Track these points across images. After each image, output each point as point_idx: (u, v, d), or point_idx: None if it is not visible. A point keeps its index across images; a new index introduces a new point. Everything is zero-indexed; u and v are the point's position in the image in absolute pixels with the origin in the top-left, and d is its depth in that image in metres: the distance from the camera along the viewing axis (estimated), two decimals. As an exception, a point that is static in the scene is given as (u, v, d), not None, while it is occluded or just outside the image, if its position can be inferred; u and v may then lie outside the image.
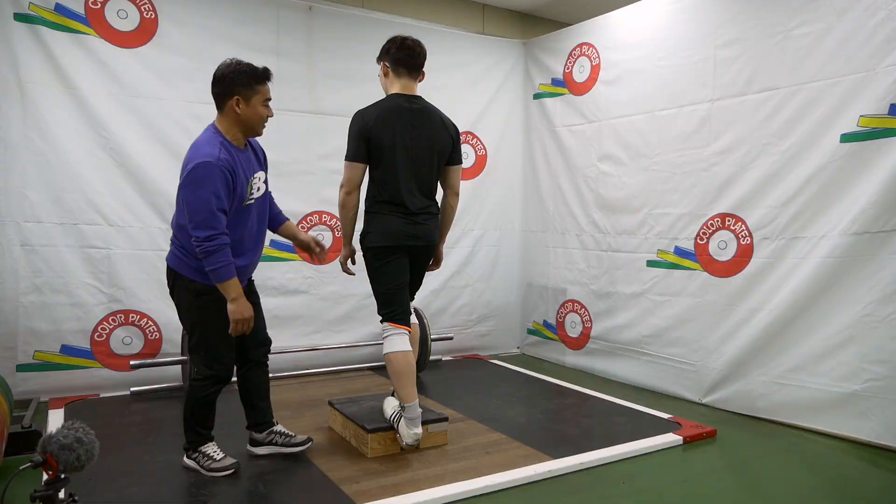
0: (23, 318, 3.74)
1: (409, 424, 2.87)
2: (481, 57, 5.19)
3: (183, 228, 2.57)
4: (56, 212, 3.79)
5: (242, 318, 2.57)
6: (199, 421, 2.74)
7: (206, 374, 2.68)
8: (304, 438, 2.94)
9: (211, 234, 2.46)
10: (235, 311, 2.56)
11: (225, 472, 2.70)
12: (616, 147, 4.54)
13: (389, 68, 2.98)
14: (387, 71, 2.99)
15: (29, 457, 1.87)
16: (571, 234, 4.96)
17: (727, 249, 3.83)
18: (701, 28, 3.95)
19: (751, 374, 3.69)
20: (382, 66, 3.01)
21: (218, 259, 2.47)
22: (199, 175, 2.45)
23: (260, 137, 2.80)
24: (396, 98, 2.94)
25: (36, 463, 1.66)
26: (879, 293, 3.15)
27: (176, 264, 2.65)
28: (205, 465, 2.71)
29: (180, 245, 2.63)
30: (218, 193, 2.47)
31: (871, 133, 3.17)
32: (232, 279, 2.53)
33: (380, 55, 3.02)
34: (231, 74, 2.61)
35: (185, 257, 2.61)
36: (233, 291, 2.54)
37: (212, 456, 2.73)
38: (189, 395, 2.72)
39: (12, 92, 3.66)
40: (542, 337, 5.30)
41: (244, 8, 4.27)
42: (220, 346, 2.69)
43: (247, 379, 2.92)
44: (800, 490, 2.72)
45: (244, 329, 2.61)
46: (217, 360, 2.69)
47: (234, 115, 2.62)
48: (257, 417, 2.95)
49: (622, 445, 3.11)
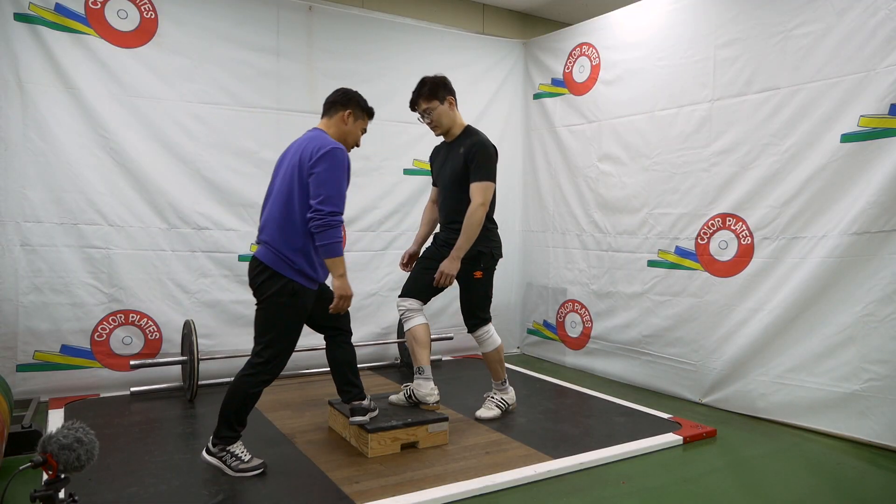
0: (23, 318, 3.74)
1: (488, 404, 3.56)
2: (481, 57, 5.19)
3: (285, 228, 2.68)
4: (56, 212, 3.79)
5: (346, 295, 2.75)
6: (238, 417, 2.73)
7: (266, 370, 2.74)
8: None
9: (335, 210, 2.64)
10: (341, 287, 2.72)
11: (253, 472, 2.72)
12: (616, 147, 4.54)
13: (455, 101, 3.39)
14: (454, 103, 3.38)
15: (29, 457, 1.87)
16: (572, 234, 4.96)
17: (728, 249, 3.83)
18: (701, 28, 3.95)
19: (751, 374, 3.69)
20: (451, 99, 3.35)
21: (336, 235, 2.66)
22: (338, 156, 2.68)
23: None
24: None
25: (36, 463, 1.66)
26: (879, 293, 3.15)
27: (274, 262, 2.71)
28: (232, 464, 2.72)
29: (281, 245, 2.70)
30: (346, 179, 2.72)
31: (872, 133, 3.17)
32: (342, 255, 2.71)
33: (446, 91, 3.33)
34: (355, 96, 2.96)
35: (287, 258, 2.70)
36: (341, 267, 2.72)
37: (240, 456, 2.74)
38: (238, 389, 2.72)
39: (12, 92, 3.66)
40: (542, 337, 5.30)
41: (244, 8, 4.27)
42: (289, 348, 2.80)
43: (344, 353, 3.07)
44: (800, 490, 2.72)
45: (346, 306, 2.78)
46: (281, 360, 2.78)
47: (340, 124, 2.91)
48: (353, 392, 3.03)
49: (622, 445, 3.11)
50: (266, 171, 4.33)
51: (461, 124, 3.42)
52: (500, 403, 3.59)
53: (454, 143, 3.40)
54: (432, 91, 3.29)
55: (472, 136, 3.35)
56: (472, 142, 3.30)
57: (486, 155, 3.26)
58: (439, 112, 3.32)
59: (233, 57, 4.25)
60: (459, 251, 3.24)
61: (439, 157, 3.52)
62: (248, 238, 4.34)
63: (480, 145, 3.27)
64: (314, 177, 2.65)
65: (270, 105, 4.38)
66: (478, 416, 3.51)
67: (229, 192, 4.26)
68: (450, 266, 3.26)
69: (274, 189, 2.82)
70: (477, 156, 3.25)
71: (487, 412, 3.53)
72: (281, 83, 4.42)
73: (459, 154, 3.32)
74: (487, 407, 3.57)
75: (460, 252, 3.24)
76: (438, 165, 3.51)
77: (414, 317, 3.34)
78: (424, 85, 3.32)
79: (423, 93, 3.31)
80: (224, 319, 4.28)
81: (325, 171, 2.64)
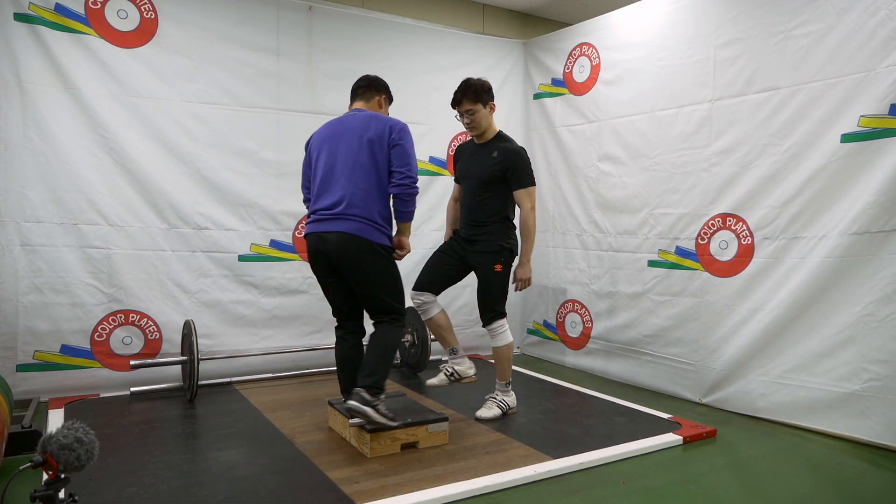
0: (23, 318, 3.74)
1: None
2: (481, 57, 5.19)
3: (378, 198, 2.94)
4: (56, 212, 3.79)
5: (408, 250, 3.15)
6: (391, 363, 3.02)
7: (402, 312, 3.08)
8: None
9: (416, 179, 2.97)
10: (408, 243, 3.15)
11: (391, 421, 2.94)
12: (616, 147, 4.54)
13: (494, 107, 3.54)
14: (493, 108, 3.53)
15: (29, 457, 1.87)
16: (572, 234, 4.96)
17: (728, 249, 3.83)
18: (701, 28, 3.95)
19: (751, 374, 3.69)
20: (492, 104, 3.51)
21: (416, 201, 3.04)
22: (409, 133, 3.00)
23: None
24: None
25: (36, 463, 1.66)
26: (879, 293, 3.15)
27: (365, 232, 2.91)
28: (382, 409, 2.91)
29: (374, 215, 2.93)
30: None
31: (872, 133, 3.17)
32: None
33: (490, 96, 3.48)
34: (385, 83, 3.24)
35: (380, 226, 2.96)
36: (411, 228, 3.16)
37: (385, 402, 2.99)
38: (392, 339, 3.02)
39: (12, 92, 3.66)
40: (543, 337, 5.30)
41: (244, 8, 4.27)
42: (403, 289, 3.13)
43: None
44: (800, 490, 2.72)
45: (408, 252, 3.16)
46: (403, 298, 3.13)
47: (377, 107, 3.16)
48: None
49: (622, 445, 3.11)
50: (266, 171, 4.40)
51: (494, 129, 3.55)
52: (502, 404, 3.60)
53: (485, 146, 3.51)
54: (478, 95, 3.41)
55: (505, 141, 3.49)
56: (508, 149, 3.43)
57: (524, 162, 3.44)
58: (481, 115, 3.44)
59: (233, 57, 4.25)
60: (527, 255, 3.49)
61: (465, 155, 3.62)
62: (249, 238, 4.34)
63: (517, 154, 3.43)
64: (398, 148, 2.94)
65: (270, 105, 4.38)
66: (478, 416, 3.53)
67: (229, 192, 4.26)
68: (524, 271, 3.51)
69: (340, 165, 2.95)
70: (517, 164, 3.41)
71: (488, 412, 3.54)
72: (281, 83, 4.42)
73: (492, 158, 3.44)
74: (488, 407, 3.58)
75: (528, 256, 3.49)
76: (464, 164, 3.59)
77: (431, 308, 3.52)
78: (470, 87, 3.41)
79: (468, 94, 3.41)
80: (224, 319, 4.28)
81: (408, 145, 2.96)
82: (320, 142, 3.06)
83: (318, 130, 3.13)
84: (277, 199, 4.42)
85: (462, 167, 3.62)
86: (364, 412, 2.84)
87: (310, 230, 3.02)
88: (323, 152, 3.02)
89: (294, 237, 4.50)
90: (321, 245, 2.95)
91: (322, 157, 3.01)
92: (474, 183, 3.50)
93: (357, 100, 3.18)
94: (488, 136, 3.53)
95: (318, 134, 3.12)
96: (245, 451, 3.00)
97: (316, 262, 3.04)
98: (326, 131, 3.08)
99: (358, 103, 3.17)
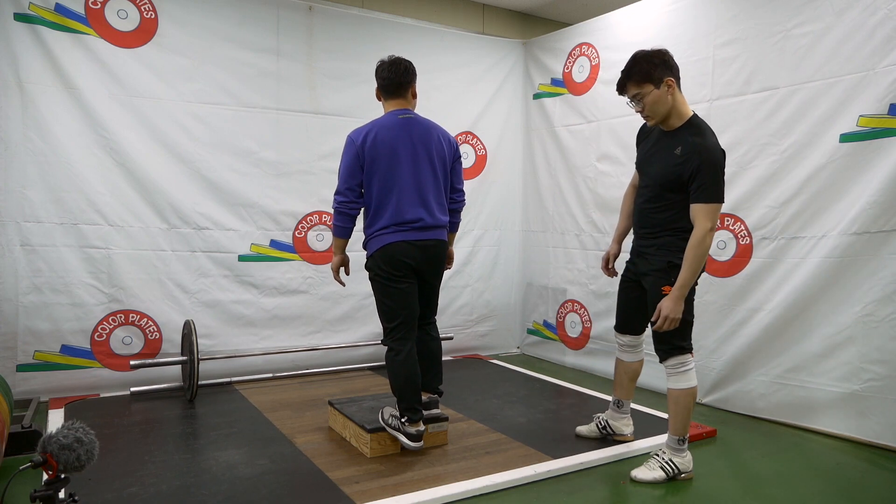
0: (23, 318, 3.74)
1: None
2: (481, 57, 5.19)
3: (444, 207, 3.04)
4: (56, 212, 3.79)
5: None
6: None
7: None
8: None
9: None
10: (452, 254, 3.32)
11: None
12: (615, 147, 4.54)
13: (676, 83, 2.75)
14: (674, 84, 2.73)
15: (29, 457, 1.87)
16: (571, 234, 4.96)
17: (726, 249, 3.83)
18: (700, 28, 3.95)
19: (751, 374, 3.69)
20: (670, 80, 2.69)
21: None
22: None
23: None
24: None
25: (36, 463, 1.66)
26: (879, 293, 3.15)
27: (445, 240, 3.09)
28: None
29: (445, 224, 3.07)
30: None
31: (871, 133, 3.17)
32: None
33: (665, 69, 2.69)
34: (414, 69, 3.08)
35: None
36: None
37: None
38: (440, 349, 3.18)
39: (12, 92, 3.66)
40: (542, 337, 5.30)
41: (244, 8, 4.27)
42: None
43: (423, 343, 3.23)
44: (800, 490, 2.72)
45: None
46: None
47: (413, 100, 3.08)
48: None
49: (622, 445, 3.12)
50: (266, 171, 4.40)
51: (683, 113, 2.71)
52: (668, 466, 2.76)
53: (671, 136, 2.72)
54: (645, 73, 2.63)
55: (695, 135, 2.64)
56: (695, 148, 2.60)
57: (712, 166, 2.57)
58: (654, 97, 2.65)
59: (233, 57, 4.25)
60: (683, 289, 2.62)
61: (647, 142, 2.91)
62: (248, 238, 4.34)
63: (704, 154, 2.58)
64: (458, 165, 3.14)
65: (270, 105, 4.38)
66: (633, 475, 2.76)
67: (229, 192, 4.26)
68: (673, 308, 2.62)
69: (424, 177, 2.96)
70: (701, 167, 2.57)
71: (648, 473, 2.75)
72: (281, 83, 4.42)
73: (674, 155, 2.66)
74: (650, 466, 2.78)
75: (684, 289, 2.63)
76: (644, 152, 2.92)
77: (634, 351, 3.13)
78: (636, 63, 2.67)
79: (632, 75, 2.67)
80: (224, 319, 4.28)
81: (461, 161, 3.16)
82: (390, 148, 2.88)
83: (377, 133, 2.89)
84: (277, 199, 4.43)
85: (641, 154, 2.94)
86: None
87: (403, 238, 2.89)
88: (404, 164, 2.89)
89: (294, 237, 4.50)
90: (415, 253, 2.90)
91: (404, 168, 2.89)
92: (650, 182, 2.79)
93: (391, 97, 3.00)
94: (674, 124, 2.71)
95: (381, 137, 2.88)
96: (245, 451, 3.00)
97: (404, 269, 2.90)
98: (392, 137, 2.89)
99: (395, 101, 2.99)
